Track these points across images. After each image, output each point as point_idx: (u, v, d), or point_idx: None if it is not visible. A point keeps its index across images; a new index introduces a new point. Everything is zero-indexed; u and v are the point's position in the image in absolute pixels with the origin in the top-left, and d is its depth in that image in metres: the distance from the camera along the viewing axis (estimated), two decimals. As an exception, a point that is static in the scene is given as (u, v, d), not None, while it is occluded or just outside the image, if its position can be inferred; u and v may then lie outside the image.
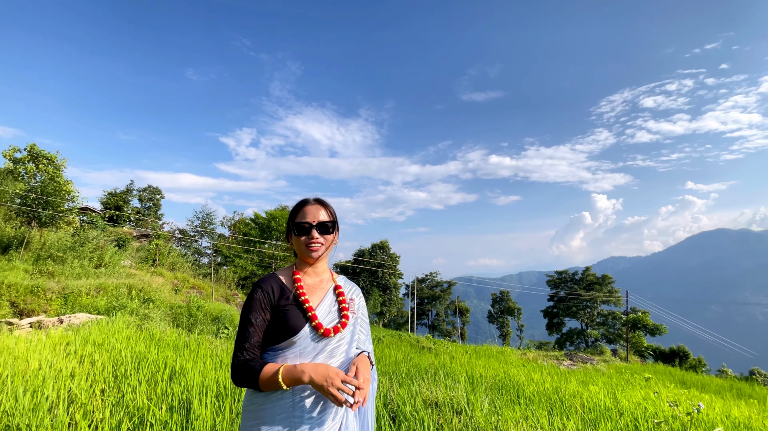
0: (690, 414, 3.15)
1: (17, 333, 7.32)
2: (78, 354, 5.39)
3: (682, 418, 3.38)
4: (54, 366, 4.63)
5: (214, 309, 12.45)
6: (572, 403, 5.17)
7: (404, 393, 4.27)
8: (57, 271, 13.73)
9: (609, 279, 42.07)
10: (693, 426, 3.17)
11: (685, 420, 3.34)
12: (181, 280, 19.81)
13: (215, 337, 9.24)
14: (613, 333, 38.98)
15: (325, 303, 1.56)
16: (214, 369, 4.97)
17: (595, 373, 13.00)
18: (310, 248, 1.53)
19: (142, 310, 10.52)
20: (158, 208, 39.66)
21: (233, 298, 22.89)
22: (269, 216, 33.59)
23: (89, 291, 12.17)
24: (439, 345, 16.72)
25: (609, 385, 8.35)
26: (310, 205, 1.58)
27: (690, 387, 12.12)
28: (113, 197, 35.53)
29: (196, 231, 34.96)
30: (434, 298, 46.65)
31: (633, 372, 14.02)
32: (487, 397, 4.73)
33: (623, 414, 4.49)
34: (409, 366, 7.72)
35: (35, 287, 11.09)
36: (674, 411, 3.50)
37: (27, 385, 3.83)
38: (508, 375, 7.83)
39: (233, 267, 30.43)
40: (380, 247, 42.28)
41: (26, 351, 5.26)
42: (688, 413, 3.19)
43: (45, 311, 10.51)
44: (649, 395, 6.48)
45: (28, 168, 20.84)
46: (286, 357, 1.44)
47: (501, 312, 46.16)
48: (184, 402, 3.60)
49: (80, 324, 8.36)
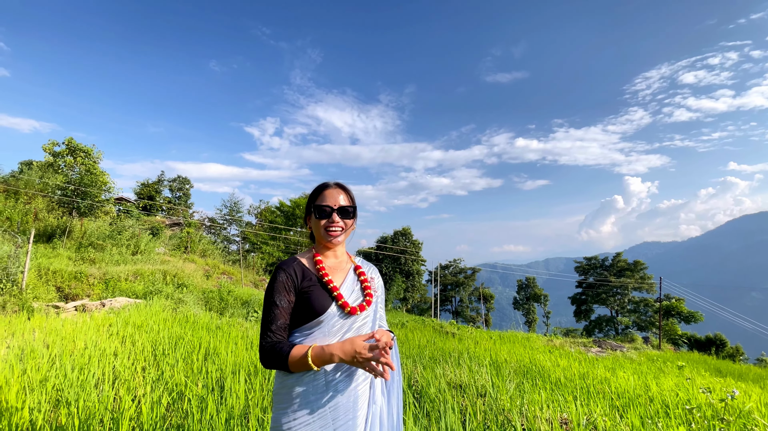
0: (723, 400, 3.05)
1: (63, 315, 7.83)
2: (120, 335, 5.73)
3: (716, 405, 3.28)
4: (98, 346, 4.95)
5: (243, 294, 12.89)
6: (600, 389, 5.10)
7: (428, 375, 4.33)
8: (98, 258, 14.51)
9: (641, 265, 40.64)
10: (726, 413, 3.08)
11: (718, 407, 3.24)
12: (212, 266, 20.55)
13: (245, 320, 9.59)
14: (645, 320, 37.83)
15: (348, 283, 1.58)
16: (245, 349, 5.18)
17: (625, 360, 12.71)
18: (329, 232, 1.55)
19: (177, 294, 11.02)
20: (188, 198, 41.02)
21: (261, 284, 23.60)
22: (293, 204, 34.22)
23: (127, 276, 12.83)
24: (462, 331, 16.74)
25: (639, 372, 8.16)
26: (330, 188, 1.59)
27: (726, 376, 11.68)
28: (146, 187, 36.96)
29: (224, 219, 36.03)
30: (458, 285, 46.48)
31: (665, 360, 13.62)
32: (512, 381, 4.74)
33: (653, 401, 4.39)
34: (432, 350, 7.79)
35: (78, 273, 11.78)
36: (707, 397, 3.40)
37: (74, 363, 4.11)
38: (533, 360, 7.78)
39: (261, 254, 31.27)
40: (402, 234, 42.32)
41: (72, 332, 5.63)
42: (722, 400, 3.09)
43: (88, 295, 11.16)
44: (681, 382, 6.31)
45: (67, 161, 21.90)
46: (314, 337, 1.46)
47: (527, 299, 45.57)
48: (219, 379, 3.79)
49: (120, 307, 8.86)
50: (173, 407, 3.24)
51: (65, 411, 2.97)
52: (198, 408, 3.01)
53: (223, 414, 2.91)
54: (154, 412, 2.87)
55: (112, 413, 2.99)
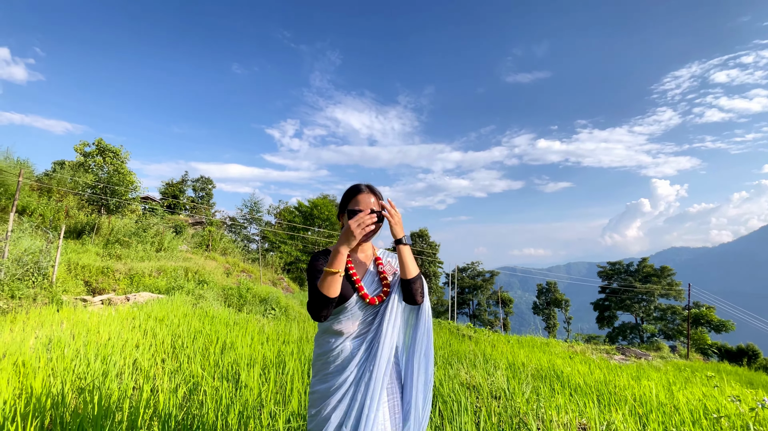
0: (754, 409, 2.89)
1: (90, 308, 8.13)
2: (142, 328, 5.90)
3: (746, 415, 3.11)
4: (121, 337, 5.11)
5: (262, 292, 13.08)
6: (622, 396, 4.92)
7: (441, 374, 4.27)
8: (123, 254, 15.02)
9: (669, 270, 39.19)
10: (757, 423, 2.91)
11: (748, 416, 3.07)
12: (232, 264, 20.96)
13: (263, 316, 9.72)
14: (672, 328, 36.41)
15: (369, 275, 1.82)
16: (260, 344, 5.24)
17: (650, 369, 12.25)
18: None
19: (198, 291, 11.27)
20: (210, 197, 41.97)
21: (279, 282, 23.90)
22: (311, 204, 34.57)
23: (151, 272, 13.22)
24: (479, 334, 16.51)
25: (664, 381, 7.85)
26: (363, 193, 1.78)
27: (758, 388, 11.11)
28: (170, 187, 38.04)
29: (245, 218, 36.70)
30: (476, 288, 45.90)
31: (694, 370, 13.06)
32: (529, 385, 4.62)
33: (679, 410, 4.21)
34: (448, 352, 7.70)
35: (105, 268, 12.21)
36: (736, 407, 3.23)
37: (98, 353, 4.25)
38: (552, 365, 7.59)
39: (279, 253, 31.70)
40: (419, 236, 42.13)
41: (98, 325, 5.83)
42: (752, 409, 2.92)
43: (114, 290, 11.56)
44: (710, 392, 6.03)
45: (97, 161, 22.73)
46: (341, 320, 1.72)
47: (547, 304, 44.58)
48: (235, 372, 3.84)
49: (144, 301, 9.13)
50: (190, 398, 3.31)
51: (87, 397, 3.06)
52: (212, 399, 3.06)
53: (237, 405, 2.94)
54: (171, 402, 2.93)
55: (131, 401, 3.06)
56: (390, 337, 1.72)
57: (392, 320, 1.75)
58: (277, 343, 5.59)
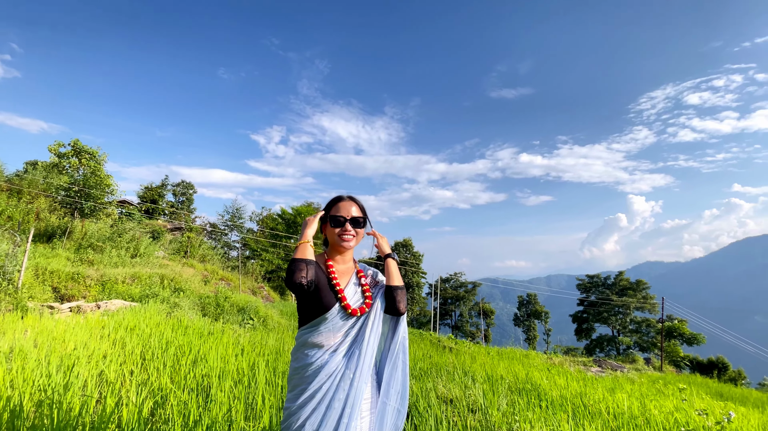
0: (720, 423, 2.97)
1: (57, 316, 7.79)
2: (111, 338, 5.67)
3: (712, 428, 3.19)
4: (88, 348, 4.90)
5: (240, 301, 12.79)
6: (596, 409, 4.98)
7: (418, 388, 4.24)
8: (96, 260, 14.50)
9: (644, 284, 40.26)
10: (724, 437, 2.99)
11: (714, 430, 3.15)
12: (211, 272, 20.49)
13: (240, 326, 9.50)
14: (647, 341, 37.28)
15: (351, 286, 1.81)
16: (235, 356, 5.11)
17: (625, 381, 12.47)
18: (343, 239, 1.79)
19: (173, 299, 10.95)
20: (191, 203, 41.10)
21: (259, 290, 23.48)
22: (295, 212, 34.25)
23: (125, 279, 12.79)
24: (460, 346, 16.53)
25: (638, 393, 7.99)
26: (344, 201, 1.84)
27: (727, 400, 11.43)
28: (149, 191, 37.11)
29: (225, 225, 36.06)
30: (458, 299, 46.08)
31: (666, 382, 13.36)
32: (506, 398, 4.63)
33: (650, 422, 4.28)
34: (428, 364, 7.67)
35: (76, 274, 11.75)
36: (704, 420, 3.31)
37: (62, 363, 4.06)
38: (530, 377, 7.64)
39: (260, 261, 31.19)
40: (403, 245, 42.18)
41: (64, 333, 5.58)
42: (718, 422, 3.00)
43: (84, 297, 11.12)
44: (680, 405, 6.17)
45: (72, 162, 22.06)
46: (320, 332, 1.68)
47: (527, 316, 45.08)
48: (205, 385, 3.72)
49: (115, 309, 8.80)
50: (156, 412, 3.18)
51: (46, 411, 2.91)
52: (180, 413, 2.95)
53: (206, 420, 2.85)
54: (136, 416, 2.81)
55: (93, 416, 2.93)
56: (372, 350, 1.72)
57: (374, 332, 1.76)
58: (252, 354, 5.46)
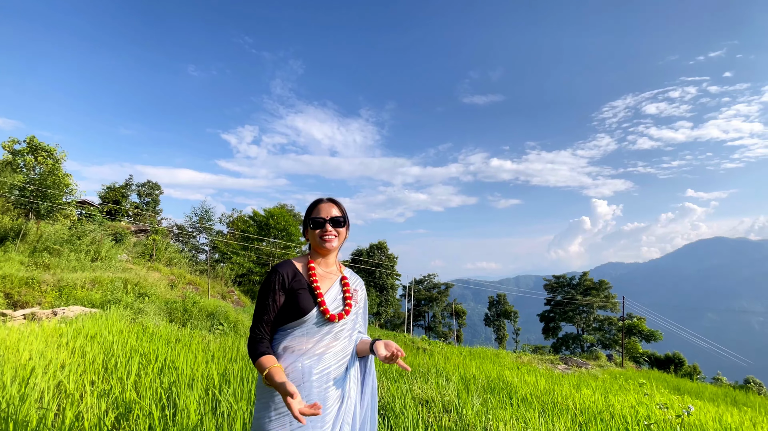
0: (680, 416, 3.14)
1: (10, 324, 7.28)
2: (69, 347, 5.36)
3: (673, 421, 3.38)
4: (45, 357, 4.61)
5: (209, 306, 12.41)
6: (564, 405, 5.16)
7: (394, 390, 4.26)
8: (53, 264, 13.69)
9: (606, 284, 42.10)
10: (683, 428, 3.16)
11: (675, 423, 3.34)
12: (178, 276, 19.77)
13: (209, 332, 9.22)
14: (609, 338, 39.00)
15: (333, 291, 1.76)
16: (205, 363, 4.95)
17: (590, 377, 12.98)
18: (324, 239, 1.74)
19: (137, 304, 10.48)
20: (157, 204, 39.54)
21: (230, 295, 22.85)
22: (267, 214, 33.53)
23: (84, 284, 12.13)
24: (434, 346, 16.70)
25: (602, 389, 8.34)
26: (324, 203, 1.81)
27: (684, 394, 12.11)
28: (112, 191, 35.42)
29: (194, 227, 34.93)
30: (431, 300, 46.60)
31: (627, 378, 14.00)
32: (479, 397, 4.72)
33: (615, 417, 4.48)
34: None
35: (30, 279, 11.05)
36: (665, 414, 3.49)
37: (16, 375, 3.80)
38: (501, 376, 7.82)
39: (230, 265, 30.38)
40: (378, 248, 42.22)
41: (18, 342, 5.22)
42: (678, 416, 3.18)
43: (39, 303, 10.46)
44: (642, 399, 6.48)
45: (27, 160, 20.75)
46: (294, 335, 1.64)
47: (497, 316, 46.14)
48: (173, 395, 3.58)
49: (74, 316, 8.33)
50: (119, 425, 3.03)
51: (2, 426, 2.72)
52: (145, 425, 2.83)
53: None
54: (97, 429, 2.67)
55: (51, 429, 2.76)
56: (345, 357, 1.71)
57: (350, 339, 1.76)
58: (223, 361, 5.30)
